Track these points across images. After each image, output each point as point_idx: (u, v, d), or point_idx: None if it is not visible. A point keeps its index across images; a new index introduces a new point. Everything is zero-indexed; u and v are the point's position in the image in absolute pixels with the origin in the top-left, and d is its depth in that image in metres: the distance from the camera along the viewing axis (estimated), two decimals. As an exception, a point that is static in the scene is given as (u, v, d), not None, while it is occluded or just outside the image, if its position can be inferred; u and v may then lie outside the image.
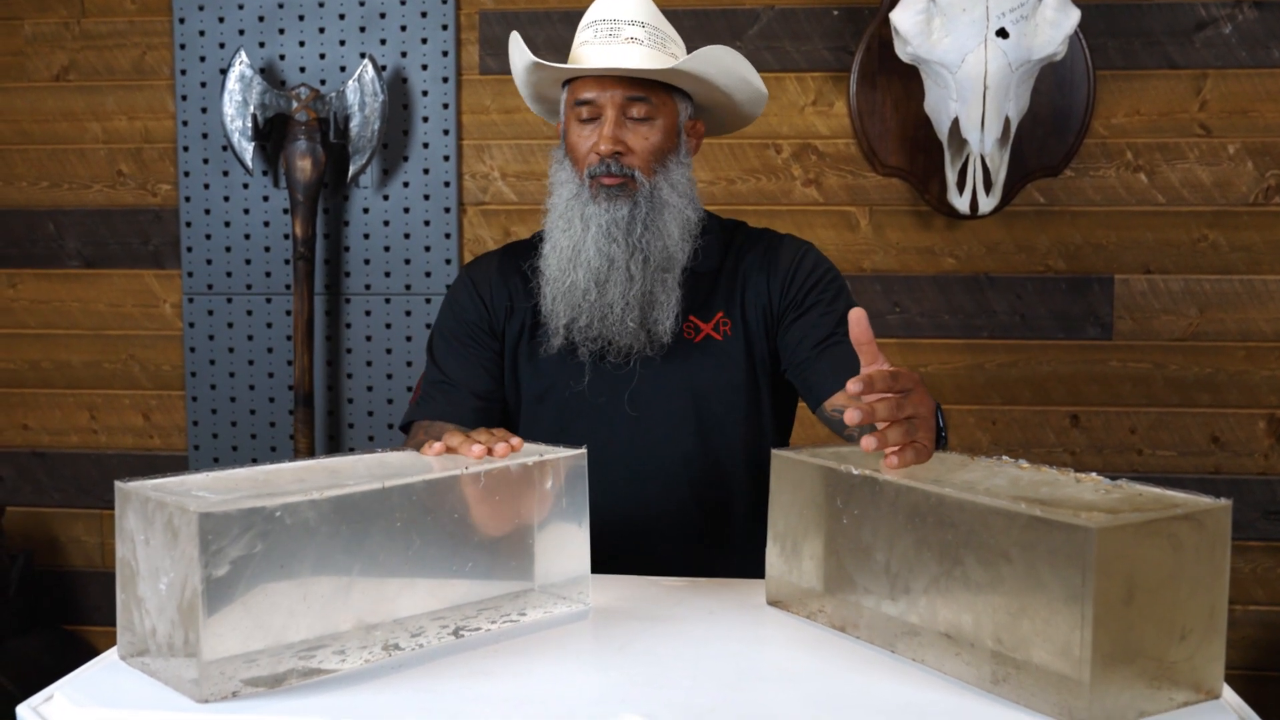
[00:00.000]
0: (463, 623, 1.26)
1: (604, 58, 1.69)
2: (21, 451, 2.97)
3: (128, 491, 1.13)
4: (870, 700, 1.11)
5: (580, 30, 1.75)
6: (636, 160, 1.70)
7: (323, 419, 2.84)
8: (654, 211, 1.70)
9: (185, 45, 2.82)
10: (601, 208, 1.69)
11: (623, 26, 1.71)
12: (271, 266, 2.84)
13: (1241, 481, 2.71)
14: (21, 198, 2.92)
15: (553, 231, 1.74)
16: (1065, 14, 2.40)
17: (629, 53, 1.69)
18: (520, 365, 1.80)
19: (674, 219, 1.72)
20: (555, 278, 1.72)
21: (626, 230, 1.69)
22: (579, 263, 1.70)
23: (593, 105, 1.70)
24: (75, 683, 1.14)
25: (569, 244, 1.71)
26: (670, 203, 1.72)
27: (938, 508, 1.15)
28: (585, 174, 1.71)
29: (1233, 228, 2.68)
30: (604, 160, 1.69)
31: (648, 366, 1.75)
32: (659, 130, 1.71)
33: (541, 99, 1.88)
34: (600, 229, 1.69)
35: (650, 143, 1.71)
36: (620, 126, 1.69)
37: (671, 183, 1.73)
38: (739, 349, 1.77)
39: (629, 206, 1.69)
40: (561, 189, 1.75)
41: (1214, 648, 1.09)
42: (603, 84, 1.69)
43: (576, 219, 1.71)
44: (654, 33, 1.73)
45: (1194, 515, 1.07)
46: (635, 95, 1.69)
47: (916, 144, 2.69)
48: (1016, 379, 2.75)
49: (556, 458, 1.33)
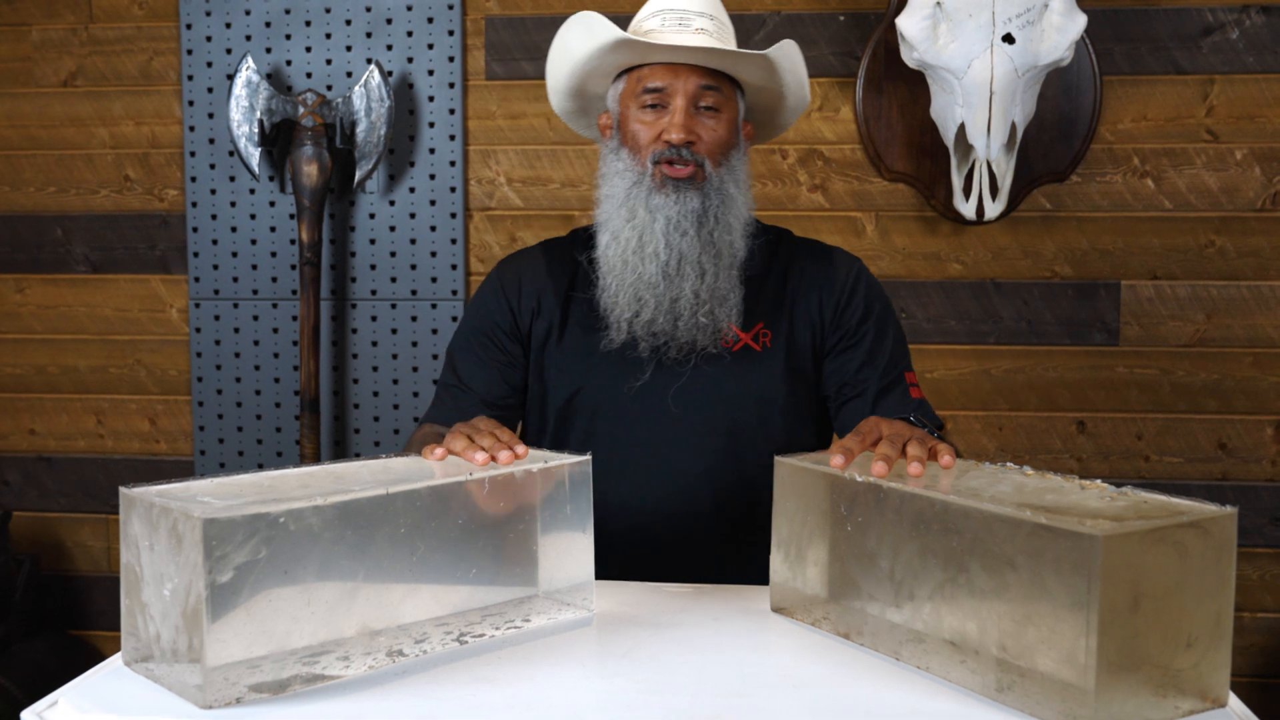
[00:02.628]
0: (467, 629, 1.26)
1: (682, 45, 1.64)
2: (28, 456, 2.97)
3: (132, 497, 1.13)
4: (874, 708, 1.11)
5: (642, 19, 1.71)
6: (705, 150, 1.66)
7: (328, 424, 2.85)
8: (723, 205, 1.67)
9: (192, 51, 2.83)
10: (670, 199, 1.65)
11: (692, 17, 1.68)
12: (278, 272, 2.84)
13: (1249, 488, 2.70)
14: (29, 203, 2.93)
15: (611, 220, 1.69)
16: (1072, 19, 2.40)
17: (699, 43, 1.65)
18: (547, 364, 1.76)
19: (737, 215, 1.69)
20: (617, 269, 1.67)
21: (698, 223, 1.65)
22: (645, 254, 1.65)
23: (662, 93, 1.66)
24: (80, 688, 1.15)
25: (633, 234, 1.66)
26: (735, 198, 1.69)
27: (942, 515, 1.15)
28: (649, 160, 1.66)
29: (1240, 233, 2.68)
30: (674, 147, 1.64)
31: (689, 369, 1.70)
32: (725, 123, 1.68)
33: (579, 94, 1.80)
34: (669, 221, 1.65)
35: (718, 134, 1.67)
36: (690, 115, 1.65)
37: (735, 178, 1.69)
38: (778, 363, 1.73)
39: (700, 198, 1.65)
40: (618, 179, 1.69)
41: (1220, 655, 1.09)
42: (675, 71, 1.65)
43: (641, 208, 1.66)
44: (721, 26, 1.70)
45: (1200, 523, 1.06)
46: (708, 84, 1.66)
47: (923, 149, 2.69)
48: (1023, 385, 2.75)
49: (561, 464, 1.33)
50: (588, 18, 1.67)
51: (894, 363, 1.75)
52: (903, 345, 1.79)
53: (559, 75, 1.77)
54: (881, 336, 1.75)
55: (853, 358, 1.73)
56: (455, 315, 2.81)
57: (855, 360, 1.73)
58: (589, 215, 2.77)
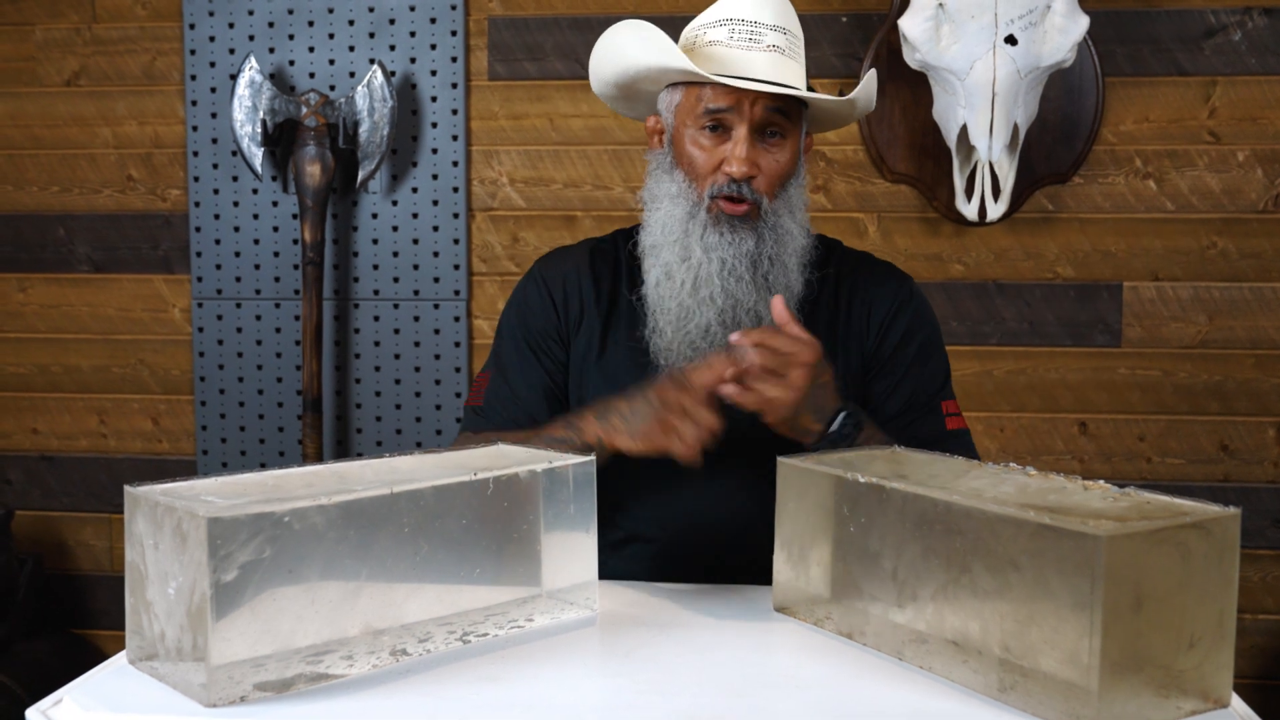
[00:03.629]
0: (470, 628, 1.26)
1: (748, 66, 1.54)
2: (30, 456, 2.98)
3: (137, 496, 1.14)
4: (877, 708, 1.11)
5: (706, 25, 1.59)
6: (763, 184, 1.56)
7: (331, 424, 2.85)
8: (779, 245, 1.57)
9: (195, 51, 2.83)
10: (725, 239, 1.55)
11: (765, 32, 1.55)
12: (280, 271, 2.85)
13: (1251, 490, 2.70)
14: (32, 202, 2.93)
15: (661, 251, 1.60)
16: (1074, 21, 2.40)
17: (772, 62, 1.54)
18: (588, 381, 1.67)
19: (794, 250, 1.60)
20: (672, 311, 1.59)
21: (753, 266, 1.56)
22: (701, 299, 1.56)
23: (724, 114, 1.55)
24: (84, 687, 1.15)
25: (689, 276, 1.57)
26: (791, 232, 1.59)
27: (945, 515, 1.15)
28: (706, 192, 1.56)
29: (1242, 235, 2.68)
30: (734, 182, 1.54)
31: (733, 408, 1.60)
32: (788, 151, 1.58)
33: (626, 89, 1.68)
34: (723, 264, 1.55)
35: (780, 165, 1.57)
36: (753, 146, 1.55)
37: (791, 209, 1.60)
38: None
39: (754, 240, 1.56)
40: (671, 203, 1.60)
41: (1223, 656, 1.09)
42: (741, 95, 1.53)
43: (696, 246, 1.56)
44: (792, 40, 1.58)
45: (1203, 523, 1.07)
46: (777, 110, 1.55)
47: (925, 151, 2.69)
48: (1025, 386, 2.75)
49: (565, 464, 1.33)
50: (647, 32, 1.55)
51: (930, 390, 1.68)
52: (945, 376, 1.72)
53: (605, 72, 1.66)
54: (923, 361, 1.67)
55: (890, 381, 1.67)
56: (458, 315, 2.81)
57: (890, 383, 1.66)
58: (591, 216, 2.80)
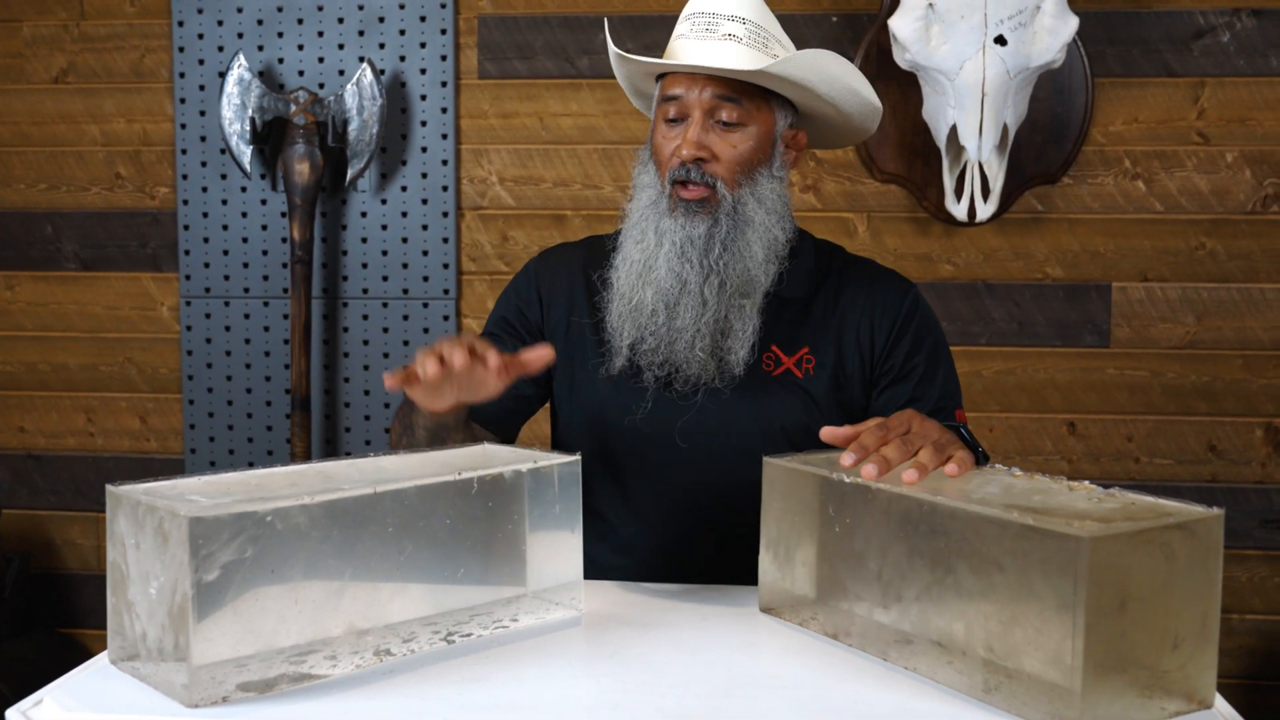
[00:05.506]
0: (455, 628, 1.26)
1: (695, 54, 1.55)
2: (17, 454, 2.97)
3: (119, 495, 1.13)
4: (862, 708, 1.11)
5: (680, 21, 1.62)
6: (720, 169, 1.56)
7: (319, 423, 2.84)
8: (735, 230, 1.56)
9: (184, 48, 2.82)
10: (678, 223, 1.56)
11: (721, 22, 1.56)
12: (269, 270, 2.84)
13: (1238, 490, 2.71)
14: (19, 200, 2.92)
15: (625, 241, 1.62)
16: (1063, 21, 2.40)
17: (724, 50, 1.55)
18: (577, 377, 1.68)
19: (759, 239, 1.58)
20: (623, 294, 1.60)
21: (703, 250, 1.55)
22: (648, 280, 1.57)
23: (680, 104, 1.56)
24: (65, 687, 1.14)
25: (640, 258, 1.58)
26: (755, 220, 1.57)
27: (930, 516, 1.15)
28: (667, 179, 1.57)
29: (1230, 236, 2.68)
30: (684, 165, 1.55)
31: (713, 398, 1.61)
32: (750, 138, 1.57)
33: (638, 93, 1.74)
34: (674, 246, 1.56)
35: (738, 151, 1.56)
36: (706, 130, 1.55)
37: (759, 197, 1.58)
38: (823, 390, 1.63)
39: (707, 224, 1.55)
40: (641, 194, 1.62)
41: (1206, 657, 1.09)
42: (692, 82, 1.55)
43: (650, 231, 1.58)
44: (755, 30, 1.57)
45: (1186, 524, 1.07)
46: (725, 96, 1.55)
47: (914, 151, 2.69)
48: (1014, 386, 2.75)
49: (550, 464, 1.33)
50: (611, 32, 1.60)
51: (943, 399, 1.66)
52: (954, 382, 1.71)
53: (619, 75, 1.72)
54: (932, 371, 1.66)
55: (900, 391, 1.65)
56: (447, 314, 2.81)
57: (901, 395, 1.64)
58: (581, 215, 2.80)
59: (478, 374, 1.34)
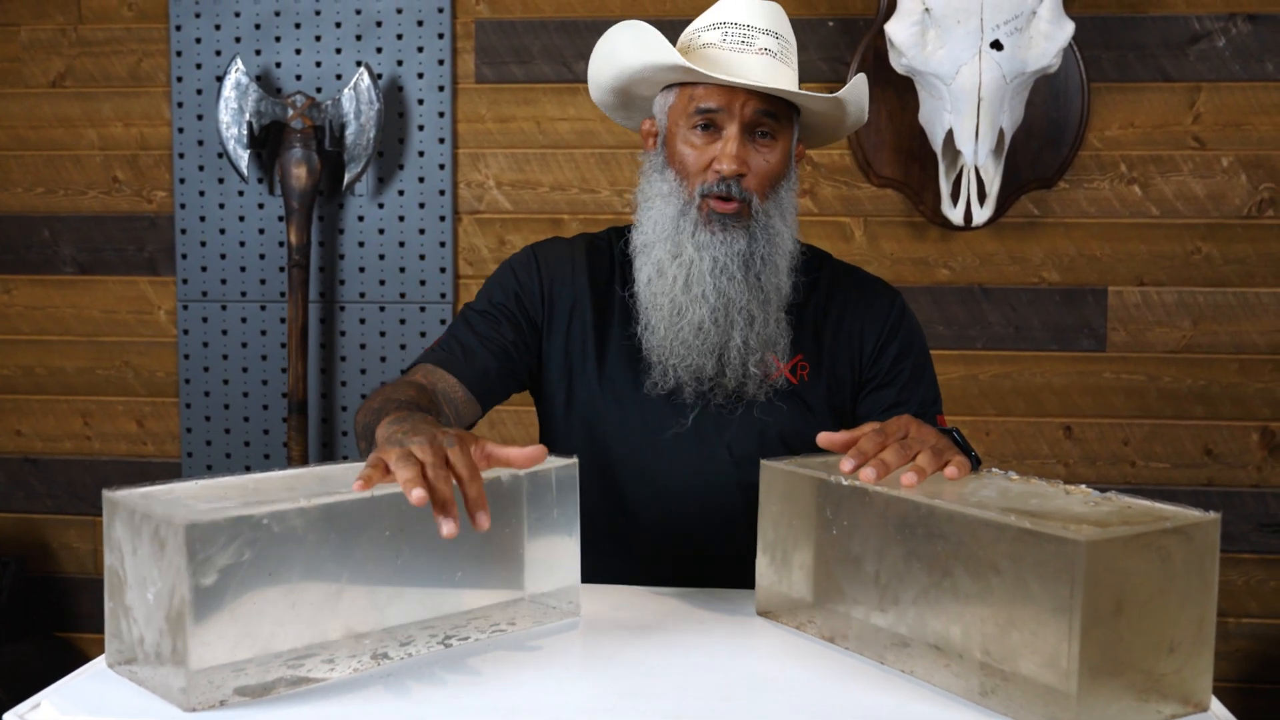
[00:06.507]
0: (452, 632, 1.26)
1: (740, 67, 1.55)
2: (14, 458, 2.96)
3: (115, 500, 1.13)
4: (859, 711, 1.11)
5: (700, 29, 1.60)
6: (754, 183, 1.56)
7: (316, 426, 2.84)
8: (770, 245, 1.58)
9: (181, 52, 2.82)
10: (717, 237, 1.56)
11: (756, 35, 1.57)
12: (266, 274, 2.84)
13: (1234, 494, 2.71)
14: (17, 203, 2.92)
15: (653, 250, 1.60)
16: (1060, 26, 2.41)
17: (763, 65, 1.56)
18: (575, 385, 1.67)
19: (783, 253, 1.60)
20: (665, 309, 1.58)
21: (745, 266, 1.56)
22: (693, 297, 1.56)
23: (715, 114, 1.55)
24: (62, 691, 1.14)
25: (680, 273, 1.57)
26: (781, 234, 1.59)
27: (927, 519, 1.15)
28: (697, 190, 1.56)
29: (1226, 240, 2.69)
30: (724, 180, 1.55)
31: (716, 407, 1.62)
32: (779, 152, 1.59)
33: (623, 94, 1.69)
34: (715, 263, 1.56)
35: (770, 165, 1.58)
36: (744, 145, 1.56)
37: (782, 211, 1.60)
38: (818, 396, 1.65)
39: (746, 239, 1.56)
40: (662, 202, 1.60)
41: (1202, 660, 1.09)
42: (732, 94, 1.54)
43: (688, 243, 1.57)
44: (785, 45, 1.59)
45: (1183, 528, 1.07)
46: (766, 111, 1.56)
47: (911, 155, 2.69)
48: (1010, 390, 2.75)
49: (548, 468, 1.33)
50: (641, 32, 1.56)
51: (926, 404, 1.68)
52: (936, 389, 1.72)
53: (603, 76, 1.66)
54: (917, 377, 1.68)
55: (884, 396, 1.66)
56: (444, 319, 2.81)
57: (886, 399, 1.66)
58: (578, 219, 2.80)
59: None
